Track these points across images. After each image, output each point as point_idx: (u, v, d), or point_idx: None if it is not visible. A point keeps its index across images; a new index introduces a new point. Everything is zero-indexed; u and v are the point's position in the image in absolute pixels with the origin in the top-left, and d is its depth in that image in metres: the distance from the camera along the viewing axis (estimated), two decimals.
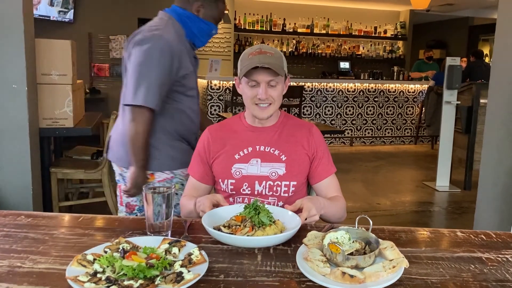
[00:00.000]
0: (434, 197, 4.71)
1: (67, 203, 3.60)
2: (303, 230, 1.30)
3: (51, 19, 6.85)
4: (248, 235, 1.18)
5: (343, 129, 7.40)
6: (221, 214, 1.33)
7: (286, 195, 1.57)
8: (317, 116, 7.27)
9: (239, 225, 1.21)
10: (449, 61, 4.83)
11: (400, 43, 9.74)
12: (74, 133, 3.40)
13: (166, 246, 1.11)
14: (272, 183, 1.56)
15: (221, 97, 6.72)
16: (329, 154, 1.65)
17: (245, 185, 1.57)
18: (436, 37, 11.20)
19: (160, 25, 1.80)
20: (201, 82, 7.19)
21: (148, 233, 1.23)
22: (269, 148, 1.59)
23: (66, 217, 1.41)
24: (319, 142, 1.64)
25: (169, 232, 1.24)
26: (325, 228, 1.32)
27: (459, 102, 4.85)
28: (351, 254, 1.06)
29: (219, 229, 1.22)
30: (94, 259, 1.03)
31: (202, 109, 2.14)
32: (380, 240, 1.09)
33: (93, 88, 7.28)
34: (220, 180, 1.61)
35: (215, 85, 6.67)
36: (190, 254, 1.07)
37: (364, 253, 1.07)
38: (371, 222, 1.12)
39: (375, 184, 5.07)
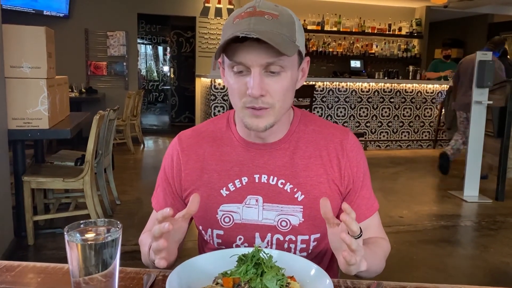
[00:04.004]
0: (463, 209, 4.17)
1: (42, 217, 3.13)
2: None
3: (44, 13, 6.42)
4: None
5: (357, 132, 6.87)
6: (203, 266, 0.84)
7: (304, 253, 1.02)
8: (329, 118, 6.75)
9: None
10: (480, 56, 4.30)
11: (415, 42, 9.21)
12: (50, 135, 2.95)
13: None
14: (281, 237, 1.00)
15: (225, 97, 6.24)
16: (369, 180, 1.07)
17: (240, 238, 1.01)
18: (454, 35, 10.62)
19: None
20: (204, 81, 6.72)
21: None
22: (275, 179, 1.00)
23: None
24: (357, 164, 1.03)
25: None
26: None
27: (491, 102, 4.32)
28: None
29: None
30: None
31: None
32: None
33: (89, 87, 6.84)
34: (201, 228, 1.05)
35: (219, 84, 6.19)
36: None
37: None
38: None
39: (395, 194, 4.54)
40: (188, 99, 8.90)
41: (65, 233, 0.71)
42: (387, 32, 8.93)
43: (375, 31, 8.85)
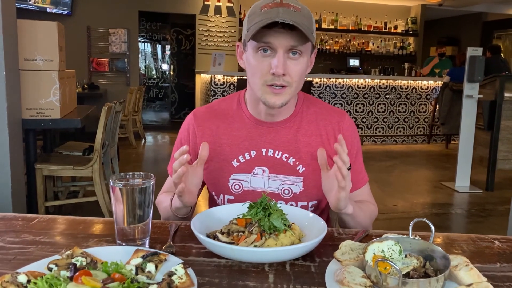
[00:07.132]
0: (454, 198, 4.35)
1: (54, 203, 3.29)
2: (330, 239, 0.97)
3: (47, 11, 6.56)
4: (255, 246, 0.84)
5: None
6: (218, 215, 1.00)
7: None
8: None
9: (243, 232, 0.88)
10: (471, 51, 4.47)
11: (411, 39, 9.39)
12: (62, 125, 3.09)
13: (139, 261, 0.78)
14: (284, 204, 1.15)
15: (225, 93, 6.40)
16: (361, 156, 1.24)
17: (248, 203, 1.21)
18: (448, 33, 10.81)
19: None
20: (204, 78, 6.87)
21: (118, 242, 0.90)
22: (280, 153, 1.16)
23: (19, 218, 1.08)
24: (352, 142, 1.19)
25: (147, 241, 0.91)
26: (358, 236, 0.98)
27: (481, 96, 4.49)
28: (407, 275, 0.73)
29: (215, 237, 0.88)
30: (29, 281, 0.70)
31: None
32: (448, 255, 0.75)
33: (91, 83, 6.98)
34: (213, 193, 1.22)
35: (219, 80, 6.36)
36: (171, 274, 0.74)
37: (426, 274, 0.73)
38: (432, 228, 0.78)
39: (390, 185, 4.72)
40: (187, 96, 9.05)
41: (110, 180, 0.87)
42: (383, 30, 9.12)
43: (371, 29, 9.03)
